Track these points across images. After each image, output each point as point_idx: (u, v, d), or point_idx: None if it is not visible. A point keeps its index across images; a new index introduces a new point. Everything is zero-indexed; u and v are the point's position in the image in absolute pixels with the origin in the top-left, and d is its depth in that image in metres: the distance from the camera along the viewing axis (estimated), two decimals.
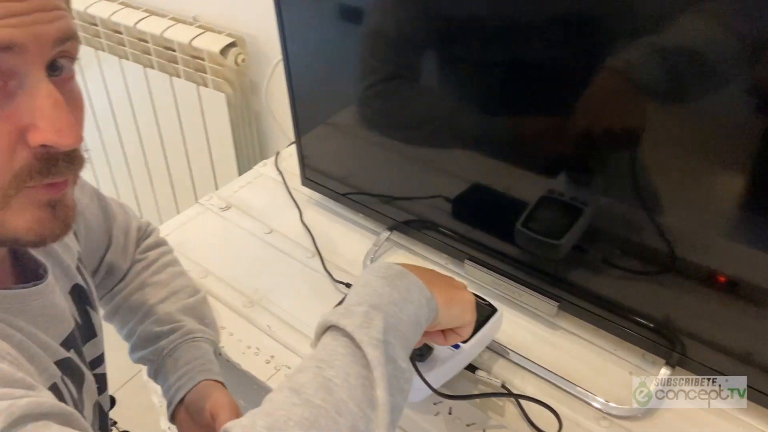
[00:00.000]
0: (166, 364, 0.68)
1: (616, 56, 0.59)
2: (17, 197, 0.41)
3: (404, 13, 0.73)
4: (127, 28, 1.35)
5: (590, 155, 0.67)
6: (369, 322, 0.48)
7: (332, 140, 0.94)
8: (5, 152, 0.39)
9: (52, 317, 0.53)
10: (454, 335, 0.60)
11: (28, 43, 0.38)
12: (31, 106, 0.39)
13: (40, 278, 0.53)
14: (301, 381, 0.44)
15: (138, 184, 1.67)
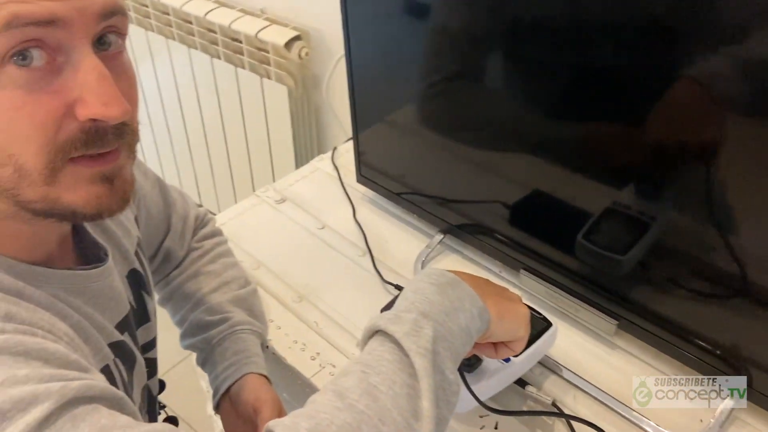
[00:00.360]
0: (214, 353, 0.69)
1: (696, 64, 0.56)
2: (65, 171, 0.41)
3: (472, 12, 0.71)
4: (197, 19, 1.38)
5: (662, 167, 0.63)
6: (418, 331, 0.46)
7: (390, 138, 0.92)
8: (52, 126, 0.40)
9: (109, 300, 0.54)
10: (505, 349, 0.58)
11: (71, 17, 0.38)
12: (77, 80, 0.40)
13: (101, 261, 0.54)
14: (346, 385, 0.43)
15: (199, 171, 1.71)
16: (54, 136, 0.40)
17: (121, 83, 0.42)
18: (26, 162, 0.40)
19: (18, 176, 0.40)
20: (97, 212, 0.43)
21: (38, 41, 0.38)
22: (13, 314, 0.41)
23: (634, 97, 0.61)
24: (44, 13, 0.37)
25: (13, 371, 0.37)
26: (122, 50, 0.44)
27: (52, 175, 0.41)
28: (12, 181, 0.40)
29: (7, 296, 0.42)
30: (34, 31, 0.37)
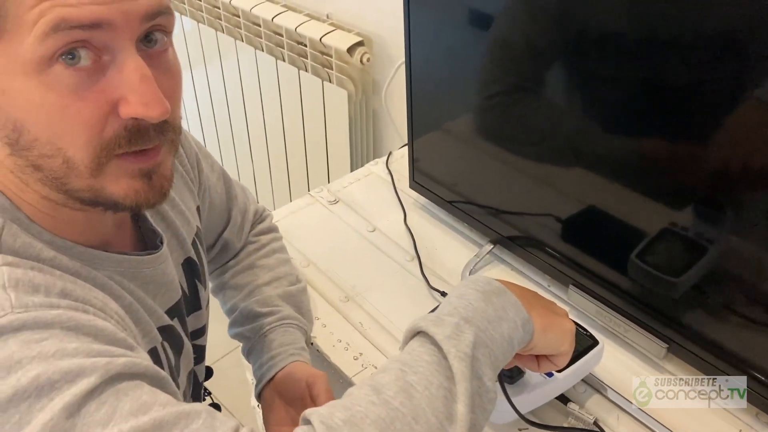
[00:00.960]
0: (261, 343, 0.71)
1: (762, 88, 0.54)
2: (110, 165, 0.43)
3: (534, 24, 0.71)
4: (265, 21, 1.43)
5: (723, 190, 0.61)
6: (459, 335, 0.47)
7: (445, 146, 0.93)
8: (98, 123, 0.42)
9: (161, 285, 0.57)
10: (548, 363, 0.57)
11: (115, 19, 0.40)
12: (121, 79, 0.41)
13: (157, 248, 0.56)
14: (383, 381, 0.44)
15: (258, 168, 1.76)
16: (99, 133, 0.42)
17: (164, 80, 0.44)
18: (74, 155, 0.42)
19: (66, 167, 0.42)
20: (136, 205, 0.45)
21: (85, 42, 0.40)
22: (69, 291, 0.44)
23: (699, 116, 0.60)
24: (90, 16, 0.39)
25: (64, 344, 0.40)
26: (167, 47, 0.45)
27: (98, 168, 0.43)
28: (61, 171, 0.43)
29: (65, 275, 0.45)
30: (80, 34, 0.39)
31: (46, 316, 0.40)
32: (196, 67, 1.75)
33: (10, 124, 0.41)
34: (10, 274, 0.42)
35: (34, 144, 0.42)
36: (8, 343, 0.38)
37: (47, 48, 0.39)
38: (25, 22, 0.38)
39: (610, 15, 0.63)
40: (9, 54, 0.39)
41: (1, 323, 0.39)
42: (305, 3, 1.42)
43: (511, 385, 0.63)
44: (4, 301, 0.40)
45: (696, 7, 0.56)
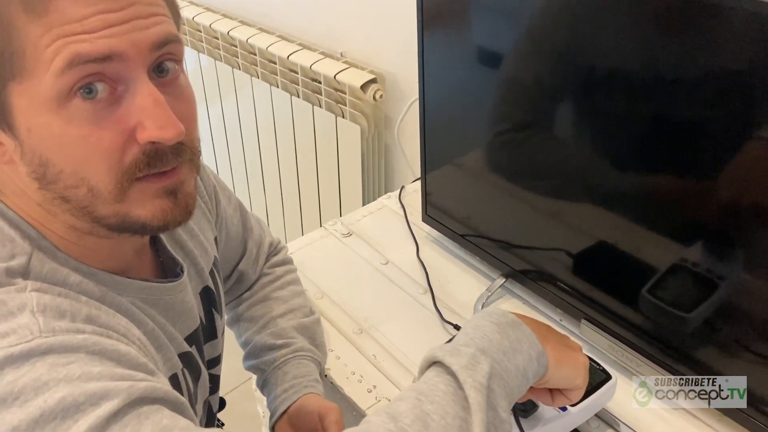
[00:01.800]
0: (275, 375, 0.72)
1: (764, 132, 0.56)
2: (132, 189, 0.45)
3: (543, 63, 0.74)
4: (281, 59, 1.47)
5: (732, 227, 0.63)
6: (475, 365, 0.47)
7: (456, 181, 0.95)
8: (117, 151, 0.44)
9: (180, 313, 0.58)
10: (562, 397, 0.58)
11: (127, 51, 0.42)
12: (136, 106, 0.43)
13: (177, 276, 0.58)
14: (400, 409, 0.45)
15: (270, 201, 1.78)
16: (120, 160, 0.44)
17: (177, 105, 0.45)
18: (97, 184, 0.44)
19: (91, 195, 0.44)
20: (164, 224, 0.47)
21: (99, 75, 0.42)
22: (94, 317, 0.46)
23: (706, 153, 0.61)
24: (102, 50, 0.41)
25: (89, 368, 0.41)
26: (179, 74, 0.47)
27: (121, 193, 0.45)
28: (87, 199, 0.45)
29: (90, 300, 0.47)
30: (94, 67, 0.41)
31: (72, 340, 0.42)
32: (212, 103, 1.79)
33: (37, 159, 0.43)
34: (38, 299, 0.43)
35: (60, 176, 0.44)
36: (36, 366, 0.40)
37: (65, 83, 0.41)
38: (43, 61, 0.40)
39: (617, 54, 0.65)
40: (30, 93, 0.41)
41: (30, 346, 0.40)
42: (320, 42, 1.46)
43: (525, 418, 0.63)
44: (33, 325, 0.41)
45: (701, 47, 0.58)
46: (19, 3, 0.40)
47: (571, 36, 0.69)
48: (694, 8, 0.56)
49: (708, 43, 0.57)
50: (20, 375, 0.39)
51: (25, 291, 0.44)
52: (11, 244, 0.45)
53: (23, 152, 0.44)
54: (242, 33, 1.56)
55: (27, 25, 0.40)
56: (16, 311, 0.42)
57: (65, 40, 0.40)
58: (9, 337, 0.40)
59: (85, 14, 0.40)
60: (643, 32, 0.62)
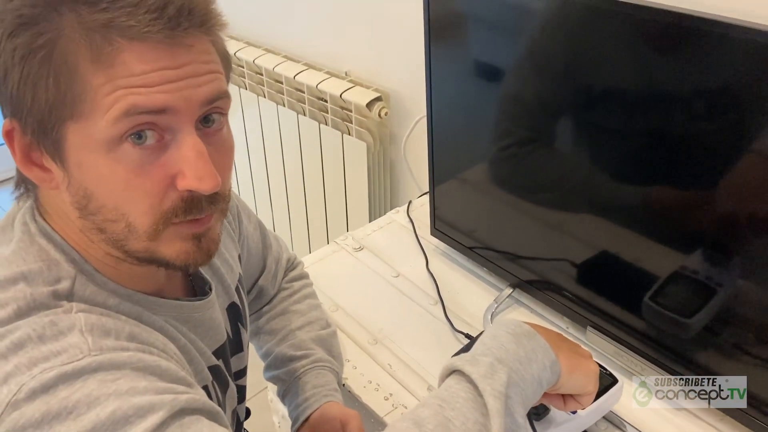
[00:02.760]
0: (296, 385, 0.75)
1: (759, 145, 0.59)
2: (165, 231, 0.48)
3: (543, 81, 0.77)
4: (287, 79, 1.51)
5: (729, 236, 0.66)
6: (493, 374, 0.50)
7: (463, 195, 0.98)
8: (159, 194, 0.47)
9: (209, 329, 0.61)
10: (573, 402, 0.61)
11: (179, 105, 0.45)
12: (179, 156, 0.46)
13: (205, 294, 0.62)
14: (423, 416, 0.48)
15: (278, 217, 1.82)
16: (159, 203, 0.47)
17: (217, 156, 0.48)
18: (135, 221, 0.47)
19: (128, 231, 0.48)
20: (185, 265, 0.50)
21: (151, 124, 0.45)
22: (135, 335, 0.49)
23: (703, 166, 0.64)
24: (158, 104, 0.44)
25: (135, 383, 0.44)
26: (223, 126, 0.50)
27: (155, 234, 0.48)
28: (122, 234, 0.48)
29: (129, 320, 0.50)
30: (147, 117, 0.44)
31: (119, 357, 0.45)
32: None
33: (82, 191, 0.47)
34: (86, 319, 0.47)
35: (101, 210, 0.47)
36: (87, 383, 0.43)
37: (118, 130, 0.44)
38: (100, 107, 0.43)
39: (615, 72, 0.68)
40: (84, 133, 0.45)
41: (81, 364, 0.43)
42: (325, 61, 1.51)
43: (538, 421, 0.67)
44: (83, 345, 0.45)
45: (695, 66, 0.61)
46: (87, 52, 0.43)
47: (570, 54, 0.72)
48: (687, 31, 0.60)
49: (700, 62, 0.60)
50: (73, 391, 0.42)
51: (72, 312, 0.47)
52: (57, 268, 0.49)
53: (70, 183, 0.47)
54: (249, 54, 1.60)
55: (91, 73, 0.43)
56: (66, 331, 0.45)
57: (125, 91, 0.43)
58: (61, 356, 0.43)
59: (145, 70, 0.43)
60: (639, 52, 0.65)
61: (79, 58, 0.43)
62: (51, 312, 0.46)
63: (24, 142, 0.47)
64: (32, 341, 0.44)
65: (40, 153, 0.47)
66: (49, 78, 0.43)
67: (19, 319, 0.45)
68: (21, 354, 0.43)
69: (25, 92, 0.44)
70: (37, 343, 0.44)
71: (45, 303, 0.46)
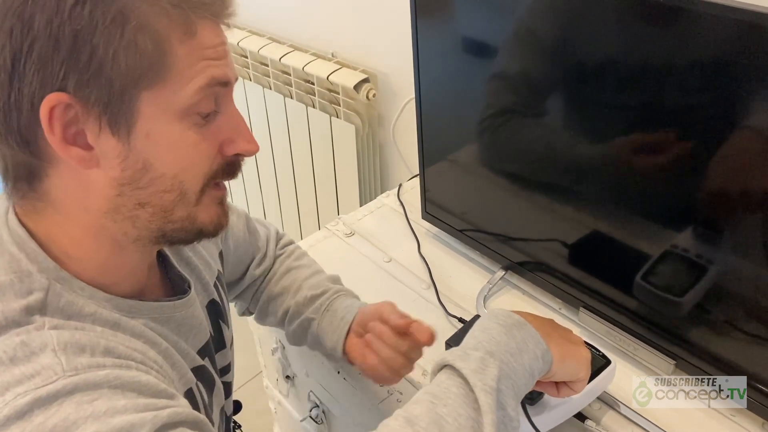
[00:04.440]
0: (327, 315, 0.76)
1: (756, 115, 0.58)
2: (207, 194, 0.51)
3: (531, 55, 0.76)
4: (273, 61, 1.49)
5: (720, 213, 0.66)
6: (484, 369, 0.50)
7: (452, 177, 0.98)
8: (209, 159, 0.50)
9: (191, 328, 0.61)
10: (566, 389, 0.61)
11: (233, 79, 0.50)
12: (230, 124, 0.51)
13: (185, 293, 0.61)
14: (415, 413, 0.48)
15: (267, 203, 1.81)
16: (211, 166, 0.51)
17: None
18: (189, 187, 0.50)
19: (179, 199, 0.50)
20: (216, 230, 0.54)
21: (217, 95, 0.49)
22: (111, 349, 0.47)
23: (695, 142, 0.64)
24: (229, 77, 0.49)
25: (113, 402, 0.43)
26: None
27: (200, 196, 0.51)
28: (172, 203, 0.50)
29: (105, 330, 0.49)
30: (219, 89, 0.49)
31: (95, 377, 0.44)
32: None
33: (140, 163, 0.47)
34: (58, 337, 0.45)
35: (156, 180, 0.48)
36: (63, 406, 0.42)
37: (198, 99, 0.47)
38: (184, 77, 0.46)
39: (604, 45, 0.67)
40: (160, 102, 0.46)
41: (57, 387, 0.42)
42: (311, 43, 1.48)
43: (532, 406, 0.67)
44: (56, 366, 0.43)
45: (685, 40, 0.60)
46: (173, 24, 0.45)
47: (558, 29, 0.71)
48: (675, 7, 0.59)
49: (690, 37, 0.60)
50: (49, 416, 0.41)
51: (44, 329, 0.45)
52: (29, 279, 0.47)
53: (128, 156, 0.47)
54: (233, 37, 1.57)
55: (179, 44, 0.45)
56: (39, 351, 0.44)
57: (206, 63, 0.47)
58: (35, 379, 0.42)
59: (216, 43, 0.48)
60: (628, 26, 0.64)
61: (166, 29, 0.45)
62: (23, 330, 0.45)
63: (66, 119, 0.44)
64: (3, 364, 0.43)
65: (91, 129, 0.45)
66: (134, 46, 0.44)
67: None
68: None
69: (104, 60, 0.43)
70: (9, 365, 0.43)
71: (16, 320, 0.45)
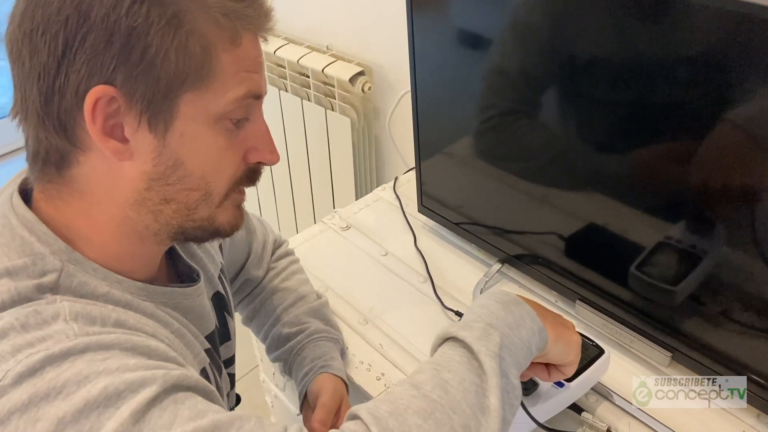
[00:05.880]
0: (296, 362, 0.76)
1: (740, 110, 0.59)
2: (227, 200, 0.53)
3: (527, 50, 0.76)
4: (267, 55, 1.48)
5: (711, 205, 0.66)
6: (487, 336, 0.52)
7: (449, 170, 0.98)
8: (234, 165, 0.52)
9: (199, 316, 0.61)
10: (557, 372, 0.62)
11: (265, 92, 0.52)
12: (256, 134, 0.52)
13: (194, 281, 0.61)
14: (420, 379, 0.49)
15: (263, 197, 1.80)
16: (236, 172, 0.52)
17: None
18: (214, 189, 0.51)
19: (203, 199, 0.51)
20: (232, 230, 0.55)
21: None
22: (122, 321, 0.48)
23: (687, 134, 0.64)
24: (263, 90, 0.51)
25: (125, 361, 0.44)
26: None
27: (224, 199, 0.53)
28: (196, 203, 0.51)
29: (117, 307, 0.50)
30: (252, 101, 0.50)
31: (106, 338, 0.45)
32: None
33: (172, 160, 0.49)
34: (70, 308, 0.46)
35: (185, 179, 0.50)
36: (76, 363, 0.42)
37: (233, 108, 0.49)
38: (224, 84, 0.48)
39: (598, 40, 0.67)
40: (199, 105, 0.48)
41: (68, 346, 0.43)
42: (305, 35, 1.48)
43: (527, 396, 0.67)
44: (68, 330, 0.44)
45: (679, 35, 0.60)
46: (221, 32, 0.47)
47: (553, 23, 0.71)
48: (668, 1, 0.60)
49: (682, 31, 0.60)
50: (61, 371, 0.41)
51: (56, 302, 0.46)
52: (42, 262, 0.48)
53: (161, 153, 0.48)
54: None
55: (223, 52, 0.47)
56: (50, 320, 0.44)
57: (247, 75, 0.49)
58: (47, 342, 0.43)
59: (255, 55, 0.50)
60: (622, 21, 0.64)
61: (215, 37, 0.46)
62: (35, 303, 0.46)
63: (109, 111, 0.46)
64: (15, 330, 0.43)
65: (130, 123, 0.47)
66: (185, 48, 0.45)
67: (2, 311, 0.44)
68: (4, 342, 0.43)
69: (155, 59, 0.45)
70: (20, 331, 0.43)
71: (28, 296, 0.46)
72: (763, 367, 0.68)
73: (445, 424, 0.45)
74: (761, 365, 0.68)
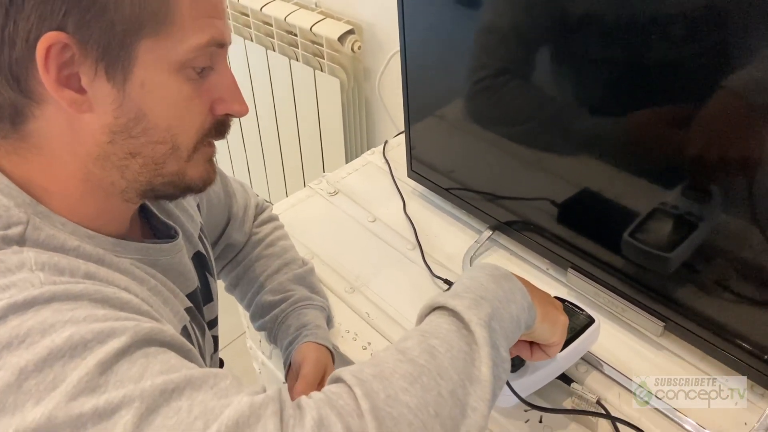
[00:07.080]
0: (280, 331, 0.74)
1: (740, 72, 0.56)
2: (196, 153, 0.51)
3: (519, 8, 0.72)
4: (254, 11, 1.42)
5: (707, 171, 0.64)
6: (477, 306, 0.50)
7: (439, 134, 0.94)
8: (201, 115, 0.50)
9: (180, 274, 0.59)
10: (540, 352, 0.61)
11: (229, 41, 0.50)
12: (222, 84, 0.50)
13: (172, 238, 0.59)
14: (407, 345, 0.47)
15: (252, 162, 1.77)
16: (203, 124, 0.50)
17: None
18: (182, 142, 0.49)
19: (171, 152, 0.49)
20: (204, 185, 0.53)
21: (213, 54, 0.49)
22: (93, 273, 0.46)
23: (684, 99, 0.62)
24: (227, 38, 0.49)
25: (94, 311, 0.41)
26: None
27: (193, 153, 0.51)
28: (163, 157, 0.49)
29: (88, 262, 0.47)
30: (216, 49, 0.48)
31: (75, 288, 0.42)
32: None
33: (134, 112, 0.46)
34: (36, 258, 0.43)
35: (149, 131, 0.47)
36: (40, 312, 0.40)
37: (195, 55, 0.46)
38: (184, 30, 0.45)
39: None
40: (159, 52, 0.45)
41: (33, 294, 0.40)
42: None
43: (514, 371, 0.66)
44: (34, 278, 0.42)
45: None
46: None
47: None
48: None
49: None
50: (25, 320, 0.39)
51: (22, 253, 0.44)
52: (6, 214, 0.45)
53: (122, 104, 0.46)
54: None
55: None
56: (15, 268, 0.42)
57: (208, 20, 0.46)
58: (10, 290, 0.40)
59: (218, 2, 0.47)
60: None
61: None
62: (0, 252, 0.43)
63: (62, 59, 0.43)
64: None
65: (86, 72, 0.44)
66: None
67: None
68: None
69: (108, 2, 0.42)
70: None
71: None
72: (758, 337, 0.66)
73: (431, 389, 0.44)
74: (755, 335, 0.66)
